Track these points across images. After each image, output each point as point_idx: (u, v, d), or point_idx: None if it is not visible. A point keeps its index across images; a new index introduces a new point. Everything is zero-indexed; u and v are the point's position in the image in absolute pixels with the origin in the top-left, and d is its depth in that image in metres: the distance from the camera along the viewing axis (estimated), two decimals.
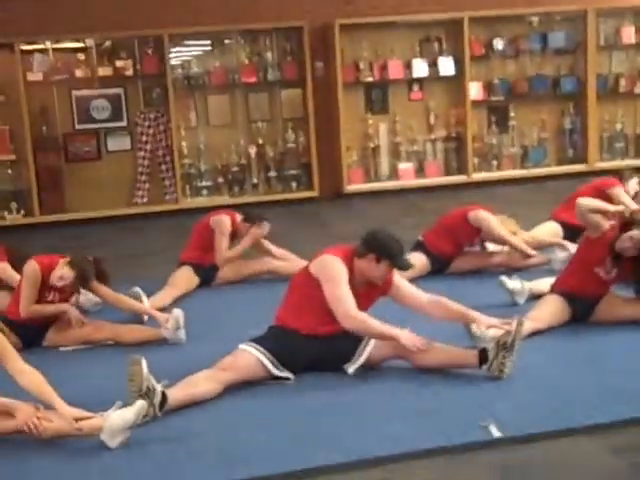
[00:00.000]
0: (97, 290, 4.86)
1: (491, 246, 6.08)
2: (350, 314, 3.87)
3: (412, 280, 5.36)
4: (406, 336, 3.84)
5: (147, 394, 3.49)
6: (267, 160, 9.46)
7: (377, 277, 4.02)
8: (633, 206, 6.09)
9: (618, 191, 6.36)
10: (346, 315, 3.87)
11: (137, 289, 5.25)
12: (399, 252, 4.02)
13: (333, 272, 3.94)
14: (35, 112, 8.86)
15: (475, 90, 9.63)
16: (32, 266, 4.66)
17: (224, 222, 5.86)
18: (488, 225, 5.69)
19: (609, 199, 6.32)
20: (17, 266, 5.33)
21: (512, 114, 9.85)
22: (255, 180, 9.43)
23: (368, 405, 3.68)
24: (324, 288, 3.92)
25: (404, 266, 4.03)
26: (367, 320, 3.90)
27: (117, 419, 3.30)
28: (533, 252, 5.74)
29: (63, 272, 4.62)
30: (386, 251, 3.96)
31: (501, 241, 5.76)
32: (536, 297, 4.87)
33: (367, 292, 4.06)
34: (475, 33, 9.55)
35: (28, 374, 3.42)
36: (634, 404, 3.50)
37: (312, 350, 3.98)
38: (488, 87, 9.75)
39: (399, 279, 4.14)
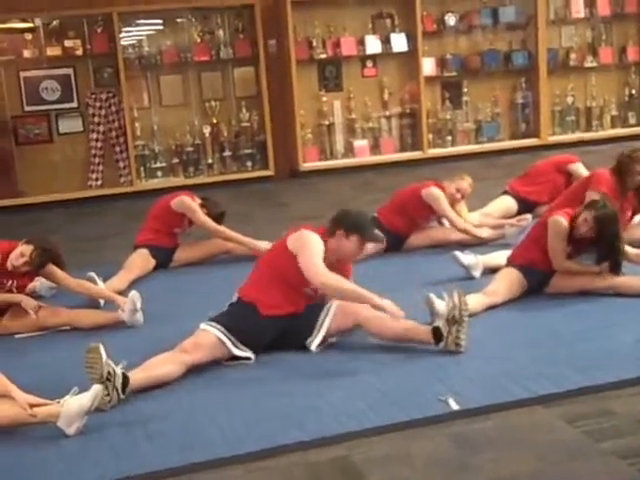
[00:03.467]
0: (54, 274, 4.79)
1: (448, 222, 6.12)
2: (324, 274, 3.88)
3: (369, 257, 5.43)
4: (389, 304, 3.85)
5: (108, 379, 3.46)
6: (222, 140, 9.39)
7: (348, 253, 4.05)
8: None
9: (577, 166, 6.46)
10: (319, 274, 3.87)
11: (92, 274, 5.19)
12: (368, 225, 4.10)
13: (309, 243, 3.97)
14: None
15: (428, 66, 9.66)
16: None
17: (188, 201, 5.81)
18: (439, 205, 5.73)
19: (568, 175, 6.42)
20: None
21: (465, 89, 9.89)
22: (210, 160, 9.36)
23: (328, 383, 3.69)
24: (299, 257, 3.92)
25: (374, 238, 4.10)
26: (341, 279, 3.91)
27: (73, 405, 3.28)
28: (484, 234, 5.79)
29: (21, 250, 4.58)
30: (354, 225, 4.02)
31: (450, 223, 5.79)
32: (492, 271, 4.93)
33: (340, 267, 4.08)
34: (427, 9, 9.56)
35: None
36: (587, 373, 3.58)
37: (272, 329, 3.99)
38: (441, 63, 9.78)
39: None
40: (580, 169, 6.40)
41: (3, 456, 3.21)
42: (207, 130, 9.30)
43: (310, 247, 3.96)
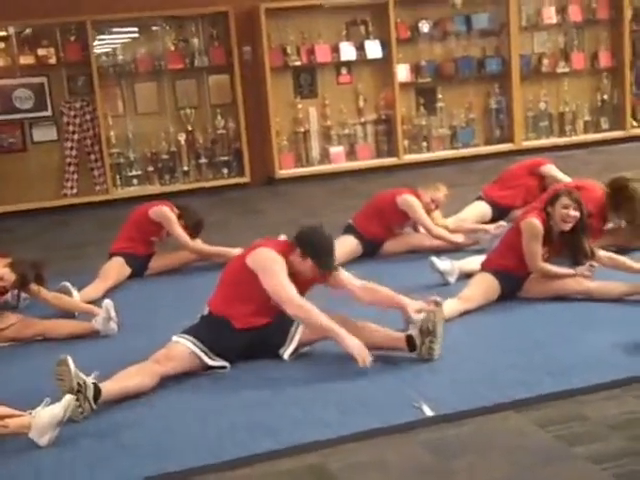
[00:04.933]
0: (36, 293, 4.77)
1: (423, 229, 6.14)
2: (295, 302, 3.86)
3: (344, 264, 5.43)
4: (357, 348, 3.78)
5: (79, 391, 3.44)
6: (197, 147, 9.38)
7: (302, 272, 4.02)
8: (567, 179, 6.26)
9: (549, 168, 6.51)
10: (291, 302, 3.86)
11: (66, 283, 5.16)
12: (325, 252, 4.00)
13: (269, 262, 3.93)
14: None
15: (403, 72, 9.70)
16: None
17: (166, 212, 5.79)
18: (414, 212, 5.75)
19: (541, 178, 6.48)
20: None
21: (440, 96, 9.95)
22: (186, 167, 9.34)
23: (302, 391, 3.69)
24: (262, 279, 3.90)
25: (326, 267, 4.01)
26: (313, 310, 3.87)
27: (45, 415, 3.25)
28: (459, 240, 5.82)
29: (3, 274, 4.54)
30: (311, 249, 3.96)
31: (426, 230, 5.81)
32: (467, 276, 4.95)
33: (304, 279, 4.06)
34: (401, 16, 9.61)
35: None
36: (560, 377, 3.60)
37: (246, 341, 3.98)
38: (415, 69, 9.83)
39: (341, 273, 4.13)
40: (553, 171, 6.46)
41: None
42: (182, 138, 9.29)
43: (272, 268, 3.92)
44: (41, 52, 8.81)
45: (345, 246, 5.65)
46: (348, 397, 3.59)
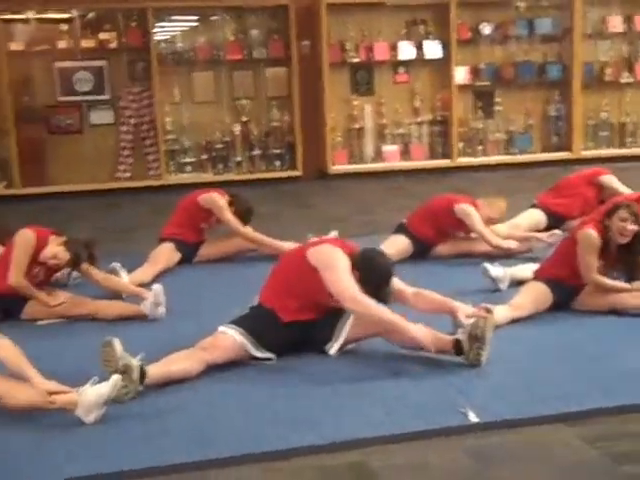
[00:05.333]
0: (87, 273, 4.82)
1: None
2: (357, 298, 3.81)
3: (395, 263, 5.39)
4: (422, 332, 3.78)
5: (125, 372, 3.46)
6: (251, 138, 9.40)
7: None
8: (627, 191, 6.13)
9: (609, 179, 6.39)
10: (353, 299, 3.81)
11: (116, 264, 5.22)
12: (382, 283, 3.92)
13: (333, 260, 3.90)
14: (17, 83, 8.73)
15: (461, 74, 9.60)
16: (28, 235, 4.62)
17: (216, 198, 5.82)
18: (472, 222, 5.67)
19: (600, 188, 6.35)
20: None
21: (497, 99, 9.83)
22: (239, 158, 9.38)
23: (347, 388, 3.66)
24: (324, 275, 3.86)
25: (381, 299, 3.92)
26: (372, 304, 3.83)
27: (91, 394, 3.28)
28: (513, 246, 5.74)
29: (58, 252, 4.59)
30: (370, 278, 3.90)
31: (484, 240, 5.73)
32: (518, 283, 4.88)
33: None
34: (462, 17, 9.52)
35: (5, 347, 3.39)
36: (611, 394, 3.51)
37: (293, 335, 3.97)
38: (474, 72, 9.72)
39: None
40: (613, 182, 6.33)
41: (21, 441, 3.22)
42: (237, 128, 9.32)
43: (337, 266, 3.88)
44: (103, 36, 8.92)
45: (396, 245, 5.63)
46: (393, 397, 3.55)
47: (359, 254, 3.98)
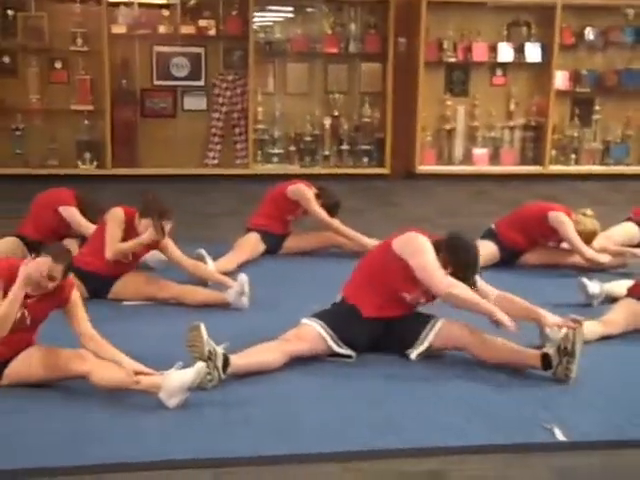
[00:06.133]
0: (170, 251, 4.85)
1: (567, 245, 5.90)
2: (449, 280, 3.76)
3: (482, 269, 5.27)
4: (507, 319, 3.70)
5: (209, 358, 3.48)
6: (340, 133, 9.36)
7: None
8: None
9: None
10: (443, 284, 3.75)
11: (202, 251, 5.26)
12: (469, 268, 3.86)
13: (420, 246, 3.85)
14: (116, 65, 8.91)
15: (560, 79, 9.36)
16: (118, 211, 4.73)
17: (304, 190, 5.81)
18: (565, 230, 5.50)
19: None
20: (88, 215, 5.38)
21: (597, 107, 9.54)
22: (327, 152, 9.34)
23: (428, 394, 3.61)
24: (411, 262, 3.80)
25: (468, 283, 3.84)
26: (467, 289, 3.77)
27: (176, 378, 3.31)
28: (606, 260, 5.54)
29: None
30: (456, 260, 3.84)
31: (577, 251, 5.55)
32: (611, 300, 4.72)
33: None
34: (567, 20, 9.26)
35: (96, 341, 3.47)
36: None
37: (374, 331, 3.94)
38: (574, 77, 9.46)
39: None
40: None
41: (101, 419, 3.27)
42: (327, 122, 9.28)
43: (425, 253, 3.83)
44: (202, 23, 8.99)
45: (483, 250, 5.48)
46: (475, 407, 3.47)
47: (445, 238, 3.91)
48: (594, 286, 4.86)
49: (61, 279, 3.47)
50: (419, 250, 3.85)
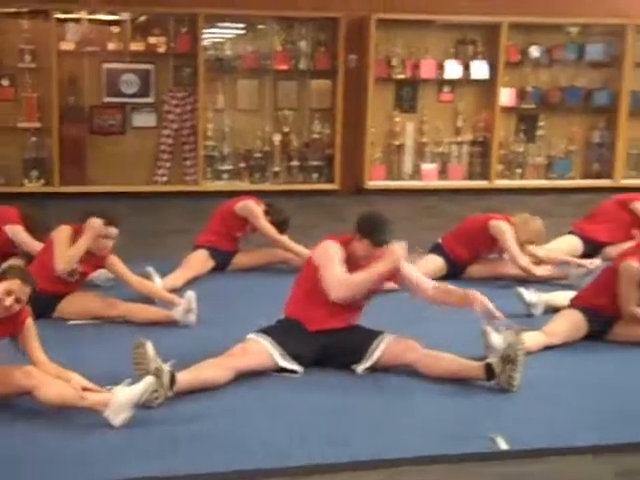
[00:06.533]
0: (116, 268, 4.83)
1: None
2: (340, 278, 3.88)
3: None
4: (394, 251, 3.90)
5: (156, 375, 3.47)
6: (290, 149, 9.41)
7: (361, 256, 4.00)
8: None
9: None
10: (336, 281, 3.87)
11: (150, 269, 5.24)
12: (378, 228, 4.00)
13: (327, 255, 3.98)
14: (65, 82, 8.84)
15: (506, 96, 9.54)
16: (65, 227, 4.73)
17: (252, 206, 5.82)
18: (504, 239, 5.61)
19: (631, 213, 6.27)
20: (35, 233, 5.33)
21: (541, 123, 9.74)
22: (277, 168, 9.38)
23: (375, 407, 3.64)
24: (321, 270, 3.94)
25: (379, 241, 3.97)
26: (353, 276, 3.89)
27: (124, 393, 3.30)
28: (539, 273, 5.65)
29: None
30: (366, 228, 4.00)
31: (511, 258, 5.66)
32: (553, 310, 4.82)
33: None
34: (512, 39, 9.46)
35: (46, 365, 3.46)
36: None
37: (320, 345, 3.97)
38: (520, 94, 9.65)
39: (407, 268, 4.11)
40: None
41: (48, 440, 3.23)
42: (277, 138, 9.33)
43: (327, 257, 3.96)
44: (152, 40, 8.98)
45: (431, 264, 5.60)
46: (421, 419, 3.52)
47: (356, 222, 4.07)
48: (530, 295, 4.97)
49: (26, 302, 3.44)
50: (323, 256, 3.98)
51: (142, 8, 8.86)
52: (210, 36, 9.26)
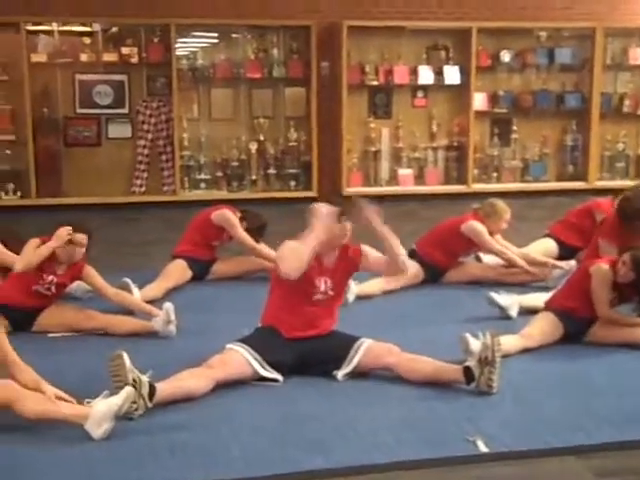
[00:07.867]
0: (93, 280, 4.82)
1: (486, 257, 6.07)
2: (282, 250, 4.02)
3: (404, 288, 5.41)
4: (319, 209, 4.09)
5: (134, 386, 3.46)
6: (267, 157, 9.40)
7: (337, 235, 4.12)
8: None
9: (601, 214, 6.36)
10: (279, 256, 3.99)
11: (127, 280, 5.23)
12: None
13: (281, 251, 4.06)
14: (37, 94, 8.79)
15: (479, 101, 9.61)
16: (33, 240, 4.74)
17: (228, 215, 5.83)
18: (482, 241, 5.67)
19: (594, 220, 6.33)
20: (10, 246, 5.31)
21: (515, 127, 9.82)
22: (254, 176, 9.37)
23: (355, 413, 3.65)
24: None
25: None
26: (295, 243, 3.99)
27: (103, 406, 3.29)
28: (522, 263, 5.71)
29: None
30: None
31: (496, 254, 5.72)
32: (529, 312, 4.86)
33: (339, 267, 4.11)
34: (483, 44, 9.53)
35: (21, 369, 3.44)
36: (622, 428, 3.49)
37: (298, 353, 3.98)
38: (492, 99, 9.73)
39: (365, 248, 4.22)
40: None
41: (26, 453, 3.21)
42: (254, 146, 9.32)
43: (281, 260, 4.01)
44: (125, 50, 8.94)
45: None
46: (402, 423, 3.54)
47: None
48: (502, 298, 5.02)
49: None
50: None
51: (114, 19, 8.83)
52: (183, 46, 9.25)
